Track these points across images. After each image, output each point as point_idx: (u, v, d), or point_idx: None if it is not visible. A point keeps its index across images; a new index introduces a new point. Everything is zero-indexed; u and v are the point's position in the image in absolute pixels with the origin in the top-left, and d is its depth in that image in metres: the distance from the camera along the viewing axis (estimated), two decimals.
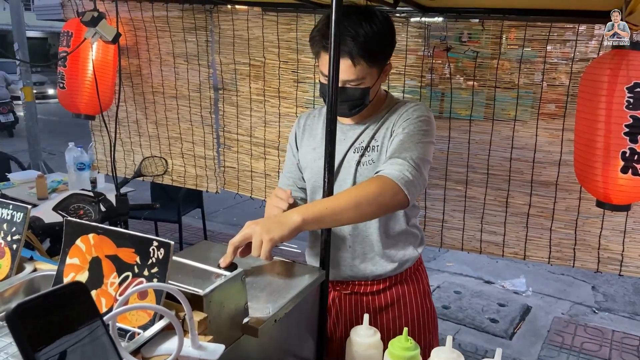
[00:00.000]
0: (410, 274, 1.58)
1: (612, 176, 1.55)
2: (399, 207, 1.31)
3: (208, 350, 0.78)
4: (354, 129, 1.49)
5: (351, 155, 1.48)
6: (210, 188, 2.79)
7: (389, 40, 1.37)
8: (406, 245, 1.55)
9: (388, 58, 1.40)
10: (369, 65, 1.33)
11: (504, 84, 1.92)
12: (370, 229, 1.50)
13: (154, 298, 0.86)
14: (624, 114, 1.50)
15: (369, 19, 1.31)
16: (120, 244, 0.89)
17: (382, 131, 1.45)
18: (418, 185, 1.29)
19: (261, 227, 1.14)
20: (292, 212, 1.20)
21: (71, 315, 0.53)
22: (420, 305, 1.59)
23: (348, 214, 1.23)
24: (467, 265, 4.64)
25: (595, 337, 3.52)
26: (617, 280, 4.46)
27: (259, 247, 1.14)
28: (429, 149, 1.37)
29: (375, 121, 1.47)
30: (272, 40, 2.32)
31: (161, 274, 0.86)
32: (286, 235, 1.15)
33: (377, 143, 1.45)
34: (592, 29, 1.76)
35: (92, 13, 2.09)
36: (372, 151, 1.45)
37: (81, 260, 0.92)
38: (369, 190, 1.25)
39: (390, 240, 1.51)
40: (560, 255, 1.99)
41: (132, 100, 2.86)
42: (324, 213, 1.20)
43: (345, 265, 1.54)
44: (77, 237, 0.93)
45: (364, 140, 1.47)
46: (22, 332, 0.48)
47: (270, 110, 2.47)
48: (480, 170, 2.03)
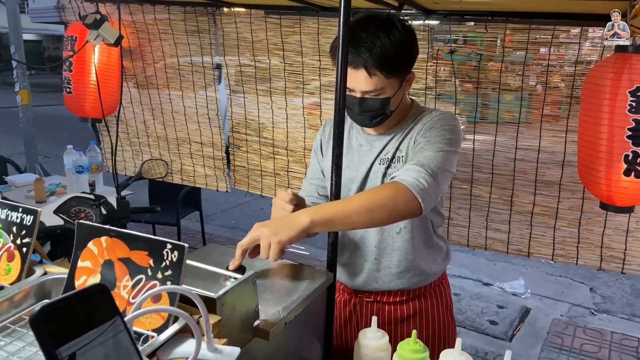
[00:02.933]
0: (435, 286, 1.58)
1: (615, 179, 1.56)
2: (411, 215, 1.27)
3: (224, 353, 0.78)
4: (379, 140, 1.47)
5: (377, 166, 1.46)
6: (220, 187, 2.81)
7: (409, 51, 1.34)
8: (432, 259, 1.54)
9: (409, 68, 1.37)
10: (386, 76, 1.31)
11: (507, 87, 1.94)
12: (397, 243, 1.48)
13: (167, 301, 0.85)
14: (627, 117, 1.51)
15: (387, 30, 1.29)
16: (133, 247, 0.89)
17: (407, 141, 1.43)
18: (433, 194, 1.26)
19: (269, 229, 1.13)
20: (301, 213, 1.18)
21: (93, 315, 0.53)
22: (443, 319, 1.58)
23: (358, 218, 1.20)
24: (465, 268, 4.65)
25: (595, 339, 3.53)
26: (615, 282, 4.48)
27: (267, 250, 1.12)
28: (450, 158, 1.33)
29: (401, 131, 1.45)
30: (276, 42, 2.32)
31: (175, 276, 0.86)
32: (294, 237, 1.13)
33: (402, 154, 1.43)
34: (586, 32, 1.78)
35: (95, 16, 2.08)
36: (398, 162, 1.43)
37: (93, 263, 0.92)
38: (382, 195, 1.22)
39: (417, 253, 1.49)
40: (564, 253, 2.01)
41: (138, 102, 2.88)
42: (333, 216, 1.18)
43: (370, 278, 1.53)
44: (89, 239, 0.93)
45: (389, 151, 1.45)
46: (46, 334, 0.48)
47: (278, 112, 2.48)
48: (485, 170, 2.05)
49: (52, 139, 9.62)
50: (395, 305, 1.55)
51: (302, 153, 2.46)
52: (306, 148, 2.44)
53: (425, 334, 1.56)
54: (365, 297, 1.58)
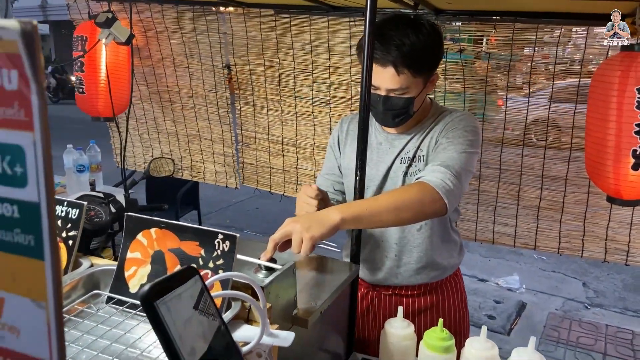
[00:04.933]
0: (450, 279, 1.62)
1: (623, 173, 1.62)
2: (437, 215, 1.31)
3: (280, 337, 0.81)
4: (400, 139, 1.50)
5: (398, 165, 1.48)
6: (229, 184, 2.84)
7: (435, 51, 1.37)
8: (449, 254, 1.58)
9: (434, 69, 1.40)
10: (413, 75, 1.33)
11: (514, 85, 1.99)
12: (418, 240, 1.52)
13: (219, 289, 0.88)
14: (635, 113, 1.57)
15: (416, 29, 1.31)
16: (184, 238, 0.92)
17: (427, 140, 1.45)
18: (457, 194, 1.30)
19: (301, 225, 1.15)
20: (332, 210, 1.21)
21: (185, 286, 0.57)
22: (457, 310, 1.63)
23: (386, 217, 1.23)
24: (461, 264, 4.72)
25: (590, 332, 3.62)
26: (607, 277, 4.59)
27: (300, 245, 1.14)
28: (472, 159, 1.37)
29: (421, 130, 1.47)
30: (285, 42, 2.35)
31: (227, 265, 0.89)
32: (325, 233, 1.16)
33: (422, 153, 1.45)
34: (592, 30, 1.84)
35: (107, 15, 2.09)
36: (419, 161, 1.46)
37: (143, 254, 0.95)
38: (409, 195, 1.26)
39: (435, 249, 1.53)
40: (569, 246, 2.07)
41: (148, 99, 2.89)
42: (362, 214, 1.21)
43: (390, 274, 1.57)
44: (138, 231, 0.95)
45: (409, 150, 1.47)
46: (153, 308, 0.51)
47: (287, 110, 2.51)
48: (492, 166, 2.10)
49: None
50: (412, 298, 1.59)
51: (311, 150, 2.49)
52: (315, 145, 2.47)
53: None
54: (384, 291, 1.61)
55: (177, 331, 0.52)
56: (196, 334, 0.57)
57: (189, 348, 0.54)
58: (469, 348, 1.21)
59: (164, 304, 0.52)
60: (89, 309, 0.93)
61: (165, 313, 0.52)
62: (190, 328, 0.56)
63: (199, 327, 0.58)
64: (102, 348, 0.81)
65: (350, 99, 2.30)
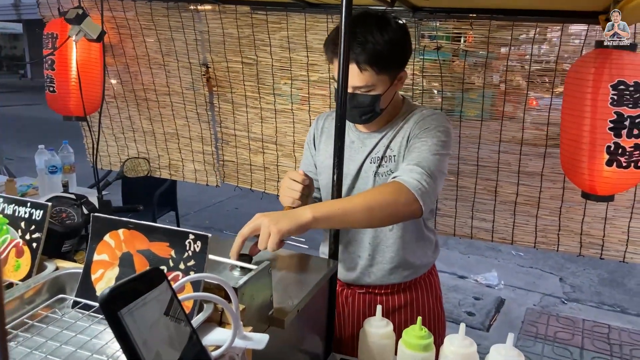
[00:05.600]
0: (425, 277, 1.62)
1: (597, 169, 1.63)
2: (411, 217, 1.28)
3: (254, 339, 0.79)
4: (371, 137, 1.49)
5: (368, 165, 1.47)
6: (210, 182, 2.81)
7: (401, 49, 1.36)
8: (423, 253, 1.58)
9: (401, 66, 1.39)
10: (377, 73, 1.32)
11: (491, 82, 2.00)
12: (390, 239, 1.51)
13: (191, 290, 0.85)
14: (609, 110, 1.58)
15: (381, 27, 1.30)
16: (153, 238, 0.89)
17: (398, 140, 1.44)
18: (433, 196, 1.29)
19: (270, 219, 1.12)
20: (304, 208, 1.19)
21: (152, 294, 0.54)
22: (432, 308, 1.62)
23: (359, 217, 1.21)
24: (440, 261, 4.71)
25: (567, 327, 3.67)
26: (583, 272, 4.67)
27: (267, 239, 1.12)
28: (445, 161, 1.36)
29: (392, 129, 1.46)
30: (263, 39, 2.32)
31: (198, 266, 0.86)
32: (294, 229, 1.13)
33: (393, 153, 1.44)
34: (567, 28, 1.85)
35: (77, 10, 2.03)
36: (389, 161, 1.45)
37: (110, 256, 0.91)
38: (384, 196, 1.23)
39: (409, 249, 1.53)
40: (545, 241, 2.09)
41: (122, 97, 2.83)
42: (335, 213, 1.19)
43: (363, 273, 1.56)
44: (105, 232, 0.92)
45: (380, 149, 1.46)
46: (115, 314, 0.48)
47: (266, 107, 2.48)
48: (470, 162, 2.11)
49: (14, 140, 9.28)
50: (386, 297, 1.59)
51: (291, 148, 2.47)
52: (295, 143, 2.45)
53: (415, 322, 1.60)
54: (358, 289, 1.61)
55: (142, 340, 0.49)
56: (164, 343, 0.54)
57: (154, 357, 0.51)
58: (448, 345, 1.20)
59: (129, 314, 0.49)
60: (53, 314, 0.89)
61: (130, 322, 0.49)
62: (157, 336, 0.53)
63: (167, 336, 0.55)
64: (66, 355, 0.78)
65: (329, 96, 2.29)
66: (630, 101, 1.56)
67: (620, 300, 4.16)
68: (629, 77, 1.54)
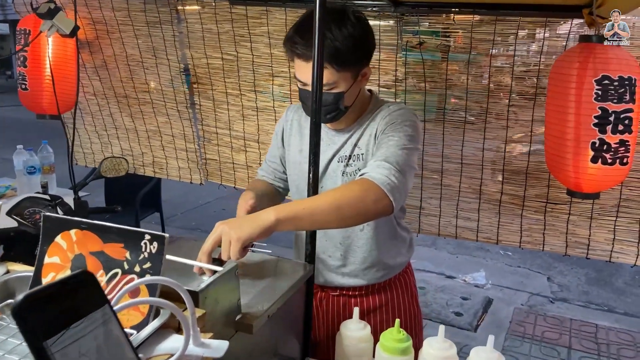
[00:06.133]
0: (399, 277, 1.58)
1: (582, 166, 1.60)
2: (382, 214, 1.22)
3: (212, 347, 0.73)
4: (338, 136, 1.45)
5: (335, 164, 1.43)
6: (194, 179, 2.76)
7: (361, 45, 1.30)
8: (397, 252, 1.54)
9: (362, 62, 1.34)
10: (337, 70, 1.27)
11: (475, 79, 1.96)
12: (361, 239, 1.47)
13: (147, 295, 0.80)
14: (593, 105, 1.55)
15: (339, 23, 1.26)
16: (107, 239, 0.83)
17: (366, 137, 1.40)
18: (403, 191, 1.23)
19: (230, 226, 1.05)
20: (267, 211, 1.11)
21: (80, 304, 0.48)
22: (408, 308, 1.58)
23: (327, 217, 1.15)
24: (428, 261, 4.72)
25: (555, 326, 3.65)
26: (570, 271, 4.65)
27: (228, 248, 1.04)
28: (414, 155, 1.32)
29: (360, 127, 1.42)
30: (243, 34, 2.27)
31: (155, 269, 0.80)
32: (256, 234, 1.06)
33: (361, 151, 1.40)
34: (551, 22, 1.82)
35: (49, 5, 1.96)
36: (358, 160, 1.41)
37: (62, 259, 0.85)
38: (351, 194, 1.17)
39: (382, 248, 1.49)
40: (531, 240, 2.05)
41: (102, 94, 2.77)
42: (300, 214, 1.12)
43: (336, 274, 1.52)
44: (57, 233, 0.86)
45: (347, 148, 1.42)
46: (30, 324, 0.42)
47: (247, 104, 2.43)
48: (454, 161, 2.07)
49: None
50: (361, 298, 1.55)
51: None
52: None
53: (392, 323, 1.56)
54: (331, 292, 1.56)
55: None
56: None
57: None
58: (427, 348, 1.16)
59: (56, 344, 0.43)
60: (0, 320, 0.83)
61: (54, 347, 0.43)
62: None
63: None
64: None
65: None
66: (615, 96, 1.52)
67: (608, 299, 4.15)
68: (614, 71, 1.51)
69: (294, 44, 1.28)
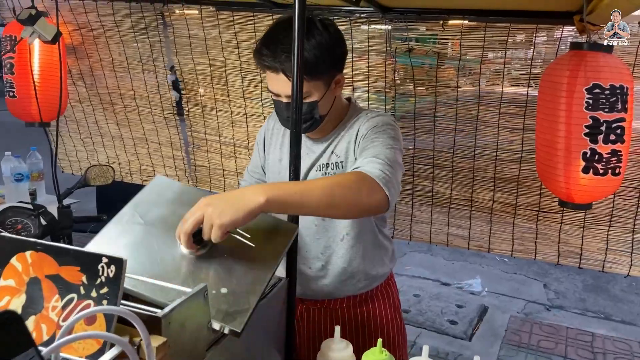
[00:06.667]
0: (382, 288, 1.54)
1: (573, 176, 1.56)
2: (377, 209, 1.17)
3: None
4: (317, 144, 1.43)
5: (314, 173, 1.41)
6: None
7: (330, 52, 1.27)
8: (379, 262, 1.50)
9: (334, 69, 1.31)
10: (308, 80, 1.24)
11: (464, 86, 1.93)
12: (342, 250, 1.43)
13: (103, 322, 0.75)
14: (584, 114, 1.51)
15: (307, 32, 1.22)
16: (62, 262, 0.78)
17: (344, 144, 1.38)
18: (396, 186, 1.20)
19: (213, 209, 0.96)
20: (256, 190, 1.01)
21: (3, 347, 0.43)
22: (391, 320, 1.54)
23: (319, 204, 1.07)
24: (423, 268, 4.67)
25: (551, 335, 3.60)
26: (567, 278, 4.61)
27: (209, 231, 0.97)
28: (399, 154, 1.29)
29: (338, 135, 1.40)
30: (230, 40, 2.23)
31: (112, 294, 0.76)
32: (241, 219, 0.97)
33: (339, 159, 1.38)
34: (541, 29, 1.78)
35: (30, 11, 1.92)
36: (336, 167, 1.38)
37: (17, 282, 0.81)
38: (347, 183, 1.12)
39: (363, 258, 1.45)
40: (523, 249, 2.02)
41: (87, 101, 2.74)
42: (292, 198, 1.04)
43: (317, 285, 1.48)
44: (12, 254, 0.81)
45: (325, 157, 1.40)
46: None
47: (236, 111, 2.39)
48: (445, 168, 2.04)
49: None
50: (342, 311, 1.51)
51: None
52: None
53: (375, 336, 1.51)
54: (312, 305, 1.52)
55: None
56: None
57: None
58: None
59: None
60: None
61: None
62: None
63: None
64: None
65: None
66: (606, 105, 1.48)
67: (605, 307, 4.10)
68: (605, 80, 1.47)
69: (262, 56, 1.26)
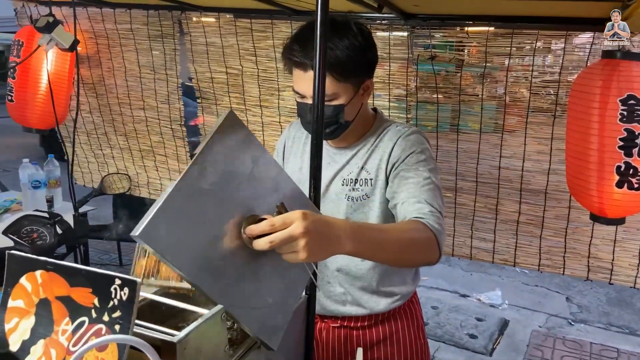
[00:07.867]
0: (405, 308, 1.47)
1: (607, 191, 1.49)
2: (425, 265, 1.18)
3: None
4: (340, 154, 1.37)
5: (339, 187, 1.35)
6: None
7: (362, 55, 1.24)
8: (402, 281, 1.43)
9: (364, 74, 1.28)
10: (338, 80, 1.21)
11: (488, 95, 1.86)
12: (363, 269, 1.37)
13: (115, 349, 0.71)
14: (618, 127, 1.44)
15: (341, 33, 1.20)
16: (74, 283, 0.74)
17: (375, 161, 1.32)
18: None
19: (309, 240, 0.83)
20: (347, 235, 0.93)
21: None
22: (415, 341, 1.47)
23: (389, 257, 1.09)
24: (442, 279, 4.58)
25: (574, 350, 3.48)
26: (590, 291, 4.47)
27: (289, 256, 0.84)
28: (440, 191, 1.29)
29: (364, 148, 1.34)
30: (247, 48, 2.20)
31: (125, 319, 0.71)
32: (322, 259, 0.92)
33: (369, 175, 1.32)
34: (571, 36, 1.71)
35: (47, 18, 1.91)
36: (365, 185, 1.32)
37: (26, 303, 0.77)
38: (422, 243, 1.10)
39: (385, 277, 1.39)
40: (550, 263, 1.95)
41: (97, 112, 2.71)
42: (371, 248, 1.01)
43: (337, 304, 1.42)
44: (22, 274, 0.77)
45: (352, 170, 1.34)
46: None
47: (253, 120, 2.35)
48: (469, 178, 1.98)
49: (9, 151, 9.21)
50: (363, 330, 1.44)
51: None
52: None
53: (398, 358, 1.45)
54: (332, 322, 1.46)
55: None
56: None
57: None
58: None
59: None
60: None
61: None
62: None
63: None
64: None
65: None
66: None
67: (629, 321, 3.96)
68: None
69: (292, 52, 1.21)
